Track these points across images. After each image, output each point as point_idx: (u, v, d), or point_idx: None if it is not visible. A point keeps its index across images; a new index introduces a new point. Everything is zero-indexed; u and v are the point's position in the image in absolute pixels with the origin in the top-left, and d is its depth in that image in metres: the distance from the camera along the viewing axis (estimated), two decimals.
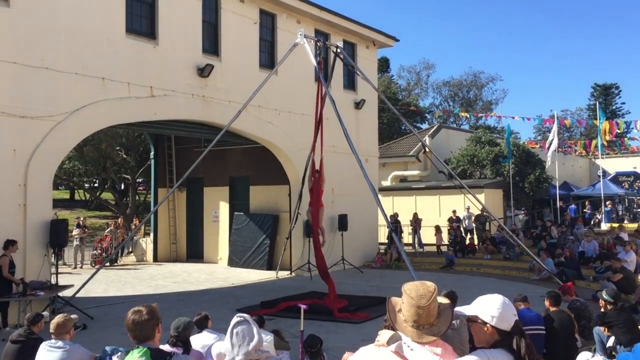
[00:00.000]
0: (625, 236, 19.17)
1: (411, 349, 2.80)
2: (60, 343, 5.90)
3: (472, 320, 3.01)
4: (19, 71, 11.65)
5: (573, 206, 30.28)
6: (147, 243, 22.79)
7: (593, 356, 7.39)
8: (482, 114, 46.71)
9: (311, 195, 14.29)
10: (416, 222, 23.19)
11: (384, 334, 3.10)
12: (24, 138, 11.71)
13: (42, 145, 11.96)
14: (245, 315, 3.50)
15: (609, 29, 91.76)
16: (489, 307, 2.96)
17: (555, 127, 26.15)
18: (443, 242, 22.53)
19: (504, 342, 2.95)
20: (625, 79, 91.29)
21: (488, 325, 2.94)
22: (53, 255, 12.26)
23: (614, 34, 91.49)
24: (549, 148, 26.20)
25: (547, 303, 8.07)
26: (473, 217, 22.62)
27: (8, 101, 11.44)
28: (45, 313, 7.37)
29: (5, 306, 10.97)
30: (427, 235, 23.03)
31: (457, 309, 3.12)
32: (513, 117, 32.14)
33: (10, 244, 10.98)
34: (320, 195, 14.11)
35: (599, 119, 26.08)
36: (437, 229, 22.42)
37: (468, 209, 22.36)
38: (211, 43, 16.26)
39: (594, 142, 28.68)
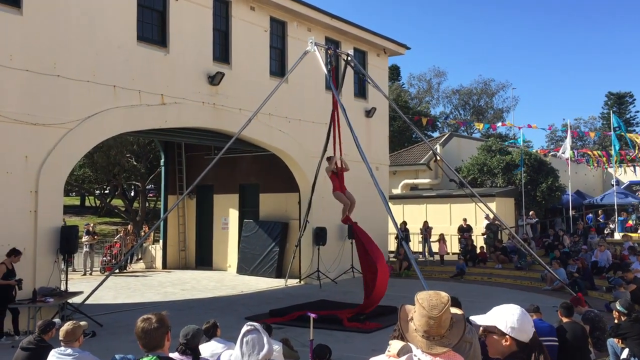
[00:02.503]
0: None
1: None
2: (69, 350, 5.87)
3: (490, 331, 2.95)
4: (31, 79, 11.73)
5: (590, 215, 30.03)
6: (156, 250, 22.82)
7: None
8: (496, 123, 46.44)
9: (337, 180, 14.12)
10: (427, 231, 23.09)
11: (395, 345, 3.05)
12: (36, 145, 11.78)
13: (53, 153, 12.02)
14: (255, 324, 3.46)
15: (623, 37, 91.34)
16: (508, 318, 2.89)
17: (569, 137, 25.99)
18: (447, 251, 22.45)
19: (521, 355, 2.89)
20: None
21: (507, 336, 2.88)
22: (63, 261, 12.29)
23: (628, 41, 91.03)
24: (563, 153, 26.13)
25: (559, 314, 7.97)
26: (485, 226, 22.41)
27: (20, 108, 11.52)
28: (57, 320, 7.34)
29: (16, 313, 10.96)
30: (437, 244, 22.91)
31: (471, 318, 3.07)
32: (530, 126, 31.92)
33: (13, 253, 10.80)
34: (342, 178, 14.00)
35: (613, 126, 25.83)
36: (441, 238, 22.33)
37: (487, 217, 22.03)
38: (222, 51, 16.31)
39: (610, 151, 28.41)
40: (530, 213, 25.07)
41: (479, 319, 3.00)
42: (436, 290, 2.91)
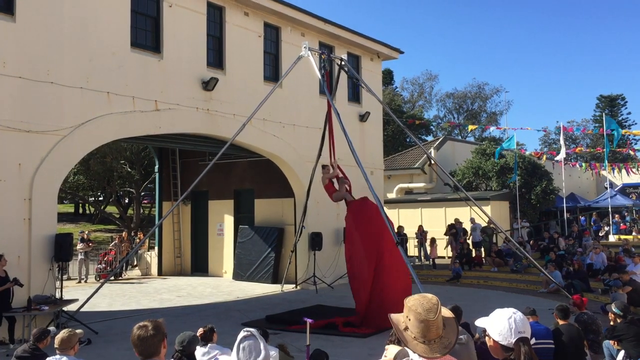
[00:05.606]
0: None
1: None
2: (65, 359, 5.83)
3: (486, 334, 3.02)
4: (25, 86, 11.69)
5: (583, 218, 30.18)
6: (151, 257, 22.74)
7: None
8: (490, 126, 46.60)
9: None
10: (422, 235, 23.09)
11: (392, 349, 3.05)
12: (29, 152, 11.73)
13: (47, 160, 11.97)
14: (252, 329, 3.44)
15: (614, 40, 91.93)
16: (494, 322, 2.99)
17: (562, 139, 26.13)
18: (437, 255, 22.47)
19: (512, 359, 2.94)
20: (631, 89, 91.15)
21: (492, 339, 2.98)
22: (58, 269, 12.22)
23: (619, 44, 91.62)
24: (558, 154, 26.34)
25: (555, 316, 7.98)
26: (479, 229, 22.34)
27: (13, 115, 11.47)
28: (52, 328, 7.29)
29: (12, 322, 10.90)
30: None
31: (476, 322, 3.12)
32: (527, 129, 32.07)
33: None
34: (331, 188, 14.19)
35: (606, 128, 25.95)
36: (432, 241, 22.33)
37: (472, 220, 22.06)
38: (216, 56, 16.31)
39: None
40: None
41: (481, 322, 3.07)
42: (434, 294, 2.91)
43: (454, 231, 22.07)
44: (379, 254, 12.39)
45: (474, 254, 21.89)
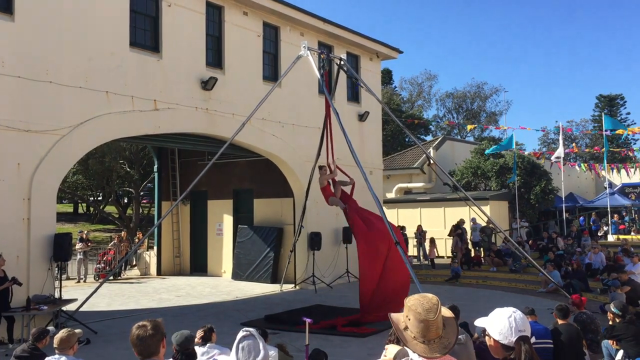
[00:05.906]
0: None
1: None
2: (64, 358, 5.83)
3: (486, 334, 3.02)
4: (23, 85, 11.67)
5: (582, 218, 30.19)
6: (150, 256, 22.73)
7: None
8: (489, 126, 46.62)
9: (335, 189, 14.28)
10: (421, 235, 23.09)
11: (391, 349, 3.05)
12: (28, 152, 11.71)
13: (46, 159, 11.96)
14: (251, 329, 3.44)
15: (614, 40, 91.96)
16: (494, 321, 3.00)
17: (561, 138, 26.14)
18: (437, 255, 22.46)
19: (512, 358, 2.94)
20: (630, 89, 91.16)
21: (492, 339, 2.98)
22: (57, 269, 12.22)
23: (619, 44, 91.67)
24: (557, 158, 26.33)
25: (555, 316, 7.98)
26: (479, 229, 22.36)
27: (12, 115, 11.46)
28: (51, 328, 7.29)
29: (11, 322, 10.89)
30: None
31: (476, 322, 3.13)
32: (527, 129, 32.13)
33: None
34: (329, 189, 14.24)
35: (604, 128, 25.96)
36: (432, 242, 22.33)
37: (474, 220, 22.11)
38: (215, 56, 16.31)
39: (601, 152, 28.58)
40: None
41: (481, 322, 3.08)
42: (434, 294, 2.91)
43: (459, 232, 22.10)
44: (384, 252, 12.52)
45: (473, 254, 21.92)
